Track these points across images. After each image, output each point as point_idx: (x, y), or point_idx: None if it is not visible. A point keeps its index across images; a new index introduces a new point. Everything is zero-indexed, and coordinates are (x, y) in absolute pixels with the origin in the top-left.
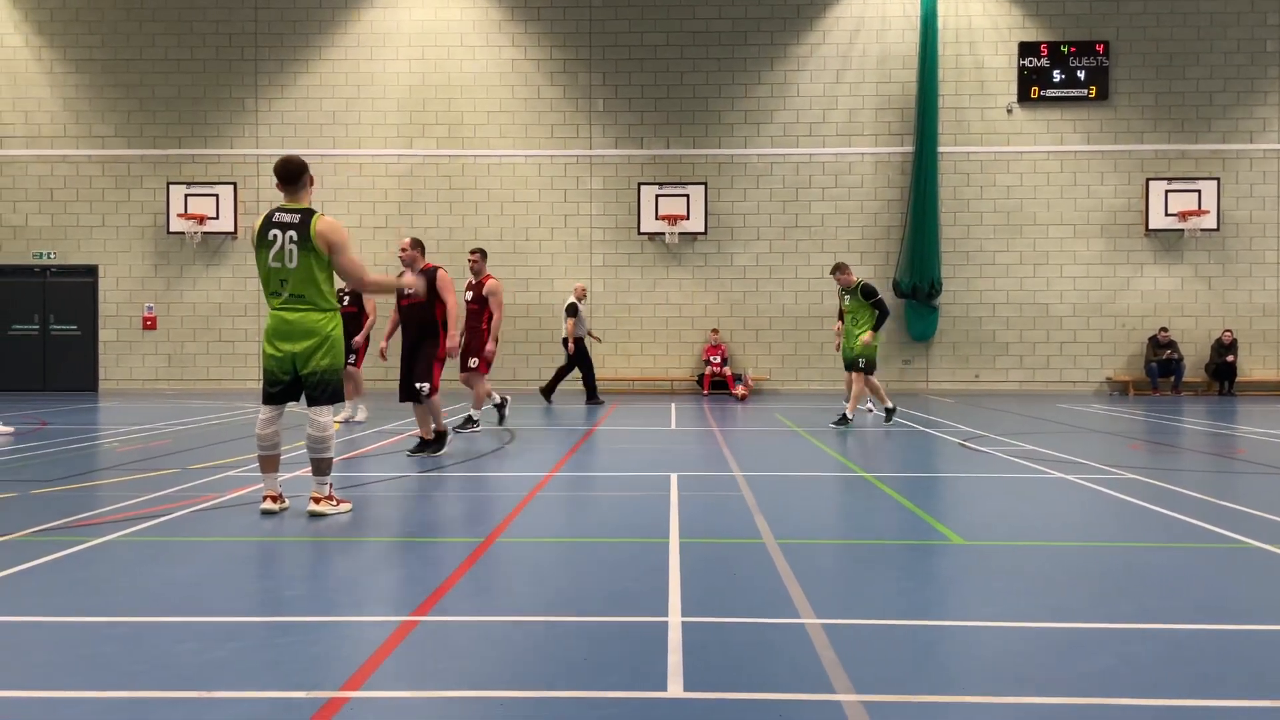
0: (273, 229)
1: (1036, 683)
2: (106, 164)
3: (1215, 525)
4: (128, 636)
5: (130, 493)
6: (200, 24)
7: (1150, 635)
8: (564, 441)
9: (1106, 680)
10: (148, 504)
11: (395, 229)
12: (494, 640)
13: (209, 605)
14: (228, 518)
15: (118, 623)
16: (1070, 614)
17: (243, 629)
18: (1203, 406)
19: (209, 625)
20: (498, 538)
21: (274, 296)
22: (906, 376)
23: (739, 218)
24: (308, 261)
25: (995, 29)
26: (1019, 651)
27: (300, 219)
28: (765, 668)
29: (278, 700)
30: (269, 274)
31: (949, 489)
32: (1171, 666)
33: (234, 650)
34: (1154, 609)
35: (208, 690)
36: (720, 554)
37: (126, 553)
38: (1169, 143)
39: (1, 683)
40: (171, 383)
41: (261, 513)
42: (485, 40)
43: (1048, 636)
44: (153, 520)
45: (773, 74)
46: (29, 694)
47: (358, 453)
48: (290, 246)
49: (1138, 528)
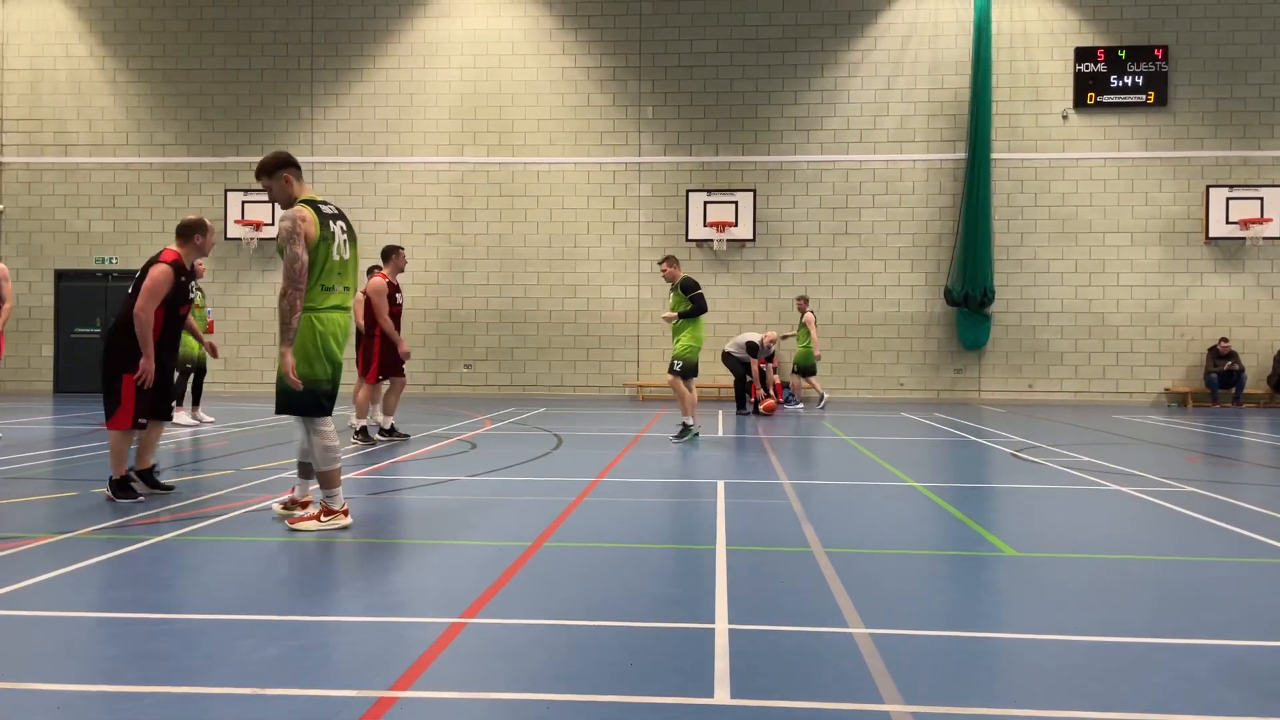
0: (328, 220)
1: (1090, 697)
2: (167, 171)
3: (1275, 540)
4: (186, 633)
5: (187, 493)
6: (259, 34)
7: (1209, 651)
8: (611, 448)
9: (1164, 696)
10: (204, 504)
11: (446, 235)
12: (541, 643)
13: (264, 604)
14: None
15: (176, 619)
16: (1125, 628)
17: (296, 627)
18: (1264, 419)
19: (264, 623)
20: (545, 541)
21: (328, 293)
22: (958, 386)
23: (788, 224)
24: (355, 254)
25: (1050, 34)
26: (1071, 665)
27: (339, 211)
28: (812, 676)
29: (329, 699)
30: (330, 267)
31: (1001, 500)
32: (1230, 684)
33: (288, 648)
34: (1213, 624)
35: (262, 687)
36: (767, 561)
37: (184, 551)
38: (1230, 149)
39: (65, 677)
40: (228, 385)
41: (345, 527)
42: (536, 48)
43: (1101, 651)
44: (209, 520)
45: (823, 80)
46: (91, 688)
47: (404, 457)
48: (343, 238)
49: (1195, 542)
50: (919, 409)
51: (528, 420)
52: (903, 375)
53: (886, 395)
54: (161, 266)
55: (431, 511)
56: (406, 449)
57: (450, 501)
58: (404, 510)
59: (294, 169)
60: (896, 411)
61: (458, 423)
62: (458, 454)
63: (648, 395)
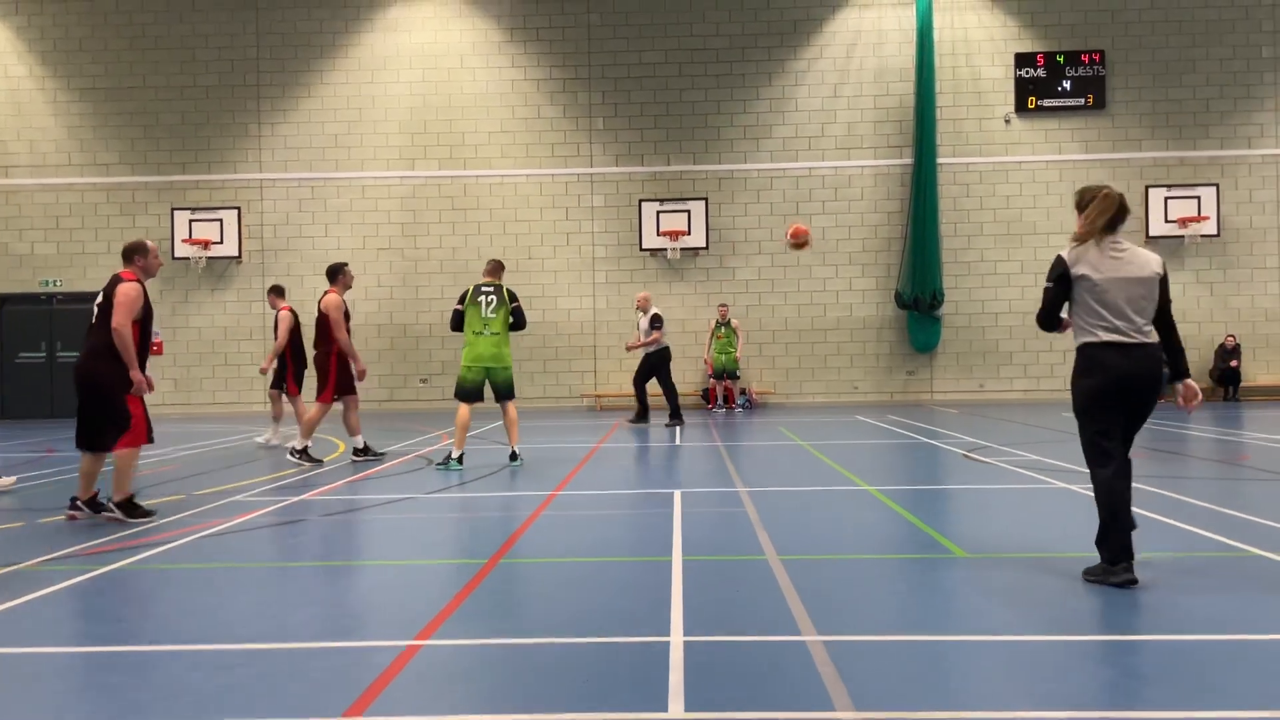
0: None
1: (1039, 697)
2: (111, 191)
3: (1218, 534)
4: (135, 665)
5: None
6: (203, 50)
7: (1152, 646)
8: (569, 460)
9: (1110, 693)
10: (155, 530)
11: (399, 250)
12: (497, 663)
13: (216, 632)
14: (234, 543)
15: (125, 652)
16: (1073, 626)
17: (249, 656)
18: (1207, 412)
19: (216, 652)
20: (501, 558)
21: None
22: (911, 387)
23: (740, 232)
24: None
25: (991, 40)
26: (1021, 665)
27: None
28: (766, 686)
29: None
30: None
31: (952, 501)
32: (1173, 678)
33: (241, 676)
34: (1156, 621)
35: (216, 718)
36: (723, 571)
37: (134, 580)
38: (1167, 150)
39: (10, 716)
40: (178, 407)
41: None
42: (485, 62)
43: (1050, 650)
44: (160, 547)
45: (771, 89)
46: None
47: (359, 476)
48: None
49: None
50: (873, 412)
51: (485, 434)
52: (857, 379)
53: (841, 399)
54: (131, 283)
55: (387, 531)
56: (362, 468)
57: (406, 520)
58: (359, 531)
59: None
60: (851, 415)
61: (414, 439)
62: (414, 471)
63: (605, 405)
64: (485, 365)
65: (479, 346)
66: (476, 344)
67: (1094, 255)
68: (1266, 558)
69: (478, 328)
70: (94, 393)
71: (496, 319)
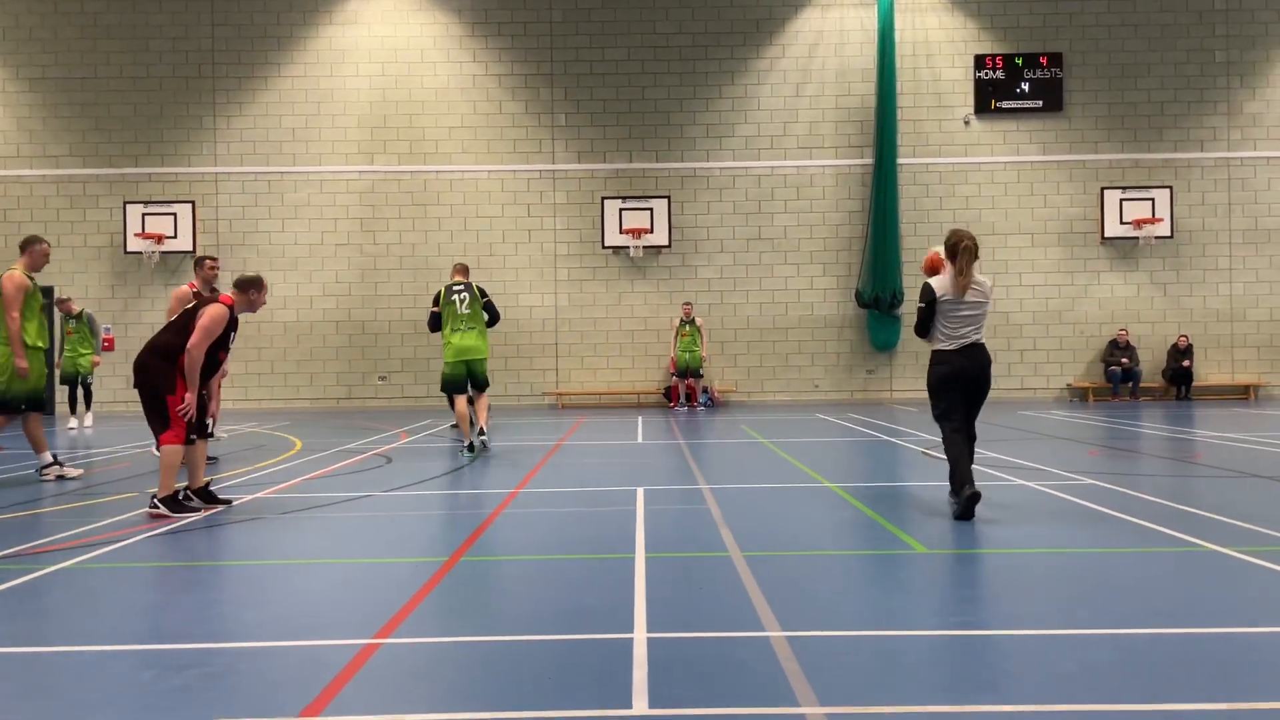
0: None
1: (999, 691)
2: (61, 184)
3: (1172, 529)
4: (82, 667)
5: (86, 518)
6: (156, 41)
7: (1109, 640)
8: (530, 457)
9: (1068, 687)
10: (104, 529)
11: (358, 246)
12: (457, 662)
13: (167, 632)
14: (186, 542)
15: (72, 652)
16: (1032, 621)
17: (202, 655)
18: (1160, 411)
19: (166, 652)
20: (461, 557)
21: None
22: (871, 386)
23: (702, 230)
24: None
25: (951, 42)
26: (981, 660)
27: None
28: (730, 682)
29: None
30: None
31: (911, 498)
32: (1129, 672)
33: (192, 678)
34: (1112, 614)
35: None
36: (686, 568)
37: (82, 580)
38: (1122, 152)
39: None
40: (130, 405)
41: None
42: (446, 56)
43: (1009, 644)
44: (109, 546)
45: (733, 88)
46: None
47: (317, 474)
48: None
49: (1097, 534)
50: (833, 410)
51: (445, 432)
52: (817, 377)
53: (802, 397)
54: (219, 306)
55: (345, 529)
56: (324, 464)
57: (365, 518)
58: (316, 529)
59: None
60: (811, 413)
61: (372, 436)
62: (372, 469)
63: (567, 403)
64: (466, 358)
65: (459, 341)
66: (454, 340)
67: (953, 285)
68: (1219, 552)
69: (455, 325)
70: (144, 386)
71: (473, 313)
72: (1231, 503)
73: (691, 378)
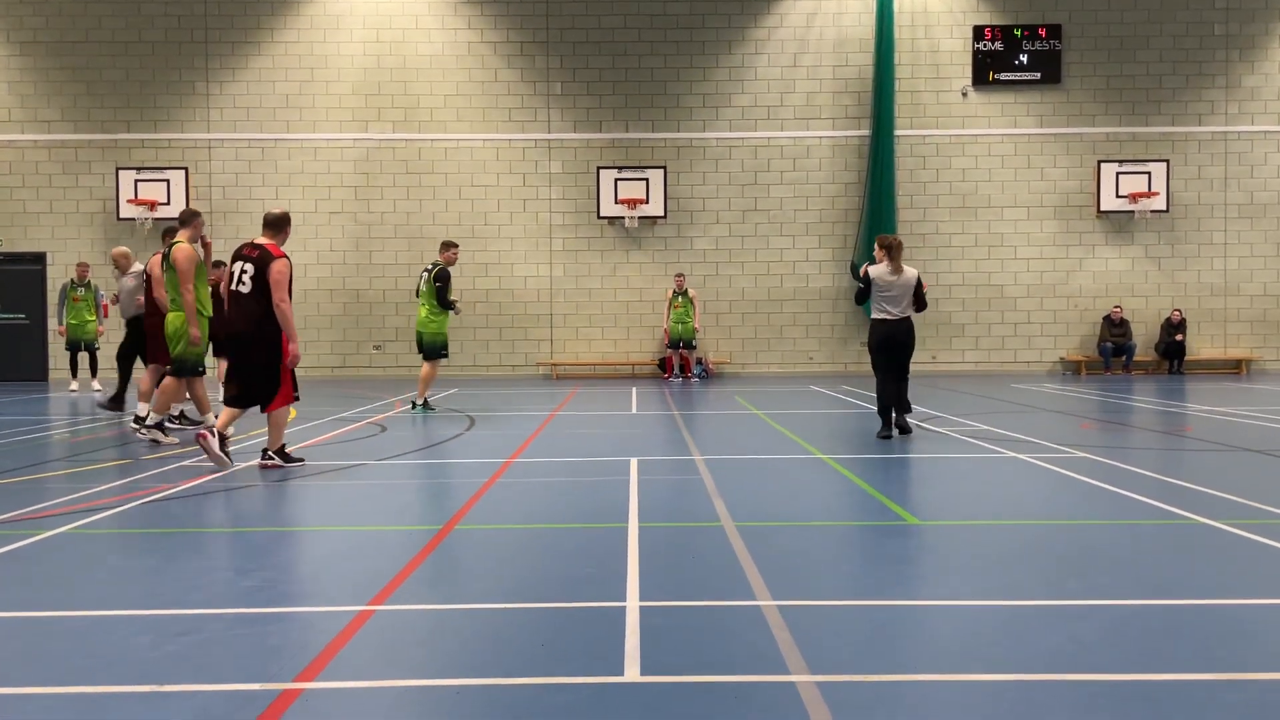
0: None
1: (987, 661)
2: (53, 149)
3: (1163, 502)
4: (79, 631)
5: (82, 484)
6: (149, 5)
7: (1098, 612)
8: (525, 427)
9: (1055, 657)
10: (100, 495)
11: (352, 214)
12: (451, 629)
13: (164, 598)
14: (182, 508)
15: (69, 617)
16: (1021, 592)
17: (198, 621)
18: (1153, 385)
19: (163, 618)
20: (456, 525)
21: None
22: (865, 358)
23: (698, 201)
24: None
25: (950, 12)
26: (971, 630)
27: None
28: (721, 650)
29: (233, 693)
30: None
31: (904, 470)
32: (1118, 643)
33: (189, 644)
34: (1102, 586)
35: (161, 684)
36: (679, 538)
37: (79, 545)
38: (1120, 125)
39: None
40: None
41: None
42: (441, 23)
43: (999, 615)
44: (106, 512)
45: (730, 58)
46: None
47: (313, 441)
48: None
49: (1088, 506)
50: (828, 382)
51: (439, 401)
52: (812, 349)
53: (796, 369)
54: (282, 259)
55: (339, 497)
56: (317, 433)
57: (359, 486)
58: (311, 497)
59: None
60: (805, 385)
61: (367, 405)
62: (367, 437)
63: (561, 374)
64: (417, 330)
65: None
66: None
67: (886, 272)
68: (1209, 525)
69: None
70: (257, 360)
71: (427, 291)
72: (1221, 476)
73: (685, 349)
